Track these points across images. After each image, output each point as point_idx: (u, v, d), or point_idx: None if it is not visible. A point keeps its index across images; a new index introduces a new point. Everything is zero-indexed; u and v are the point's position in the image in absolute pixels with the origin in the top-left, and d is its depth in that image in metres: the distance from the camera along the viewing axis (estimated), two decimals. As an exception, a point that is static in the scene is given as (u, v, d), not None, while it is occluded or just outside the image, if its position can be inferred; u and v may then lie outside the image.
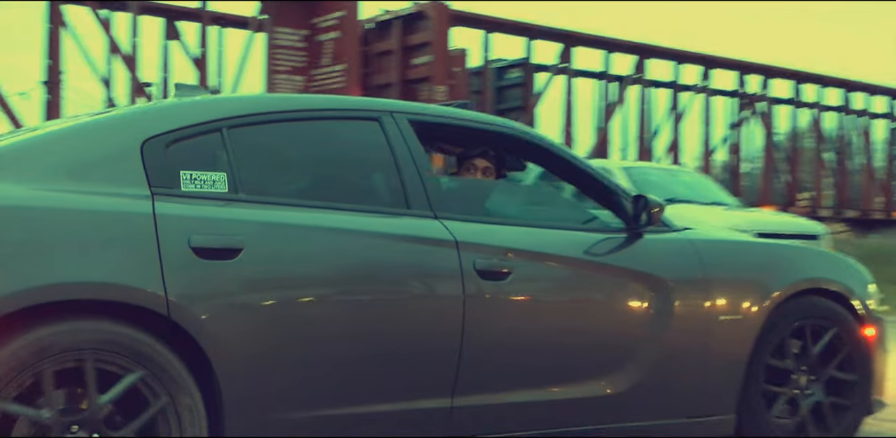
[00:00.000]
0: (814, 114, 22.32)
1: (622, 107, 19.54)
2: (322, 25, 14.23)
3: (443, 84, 15.47)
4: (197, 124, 2.90)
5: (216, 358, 2.65)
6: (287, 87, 14.35)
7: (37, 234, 2.50)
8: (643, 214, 3.48)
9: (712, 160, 20.60)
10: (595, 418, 3.38)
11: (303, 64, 14.41)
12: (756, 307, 3.66)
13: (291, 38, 14.24)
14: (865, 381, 3.93)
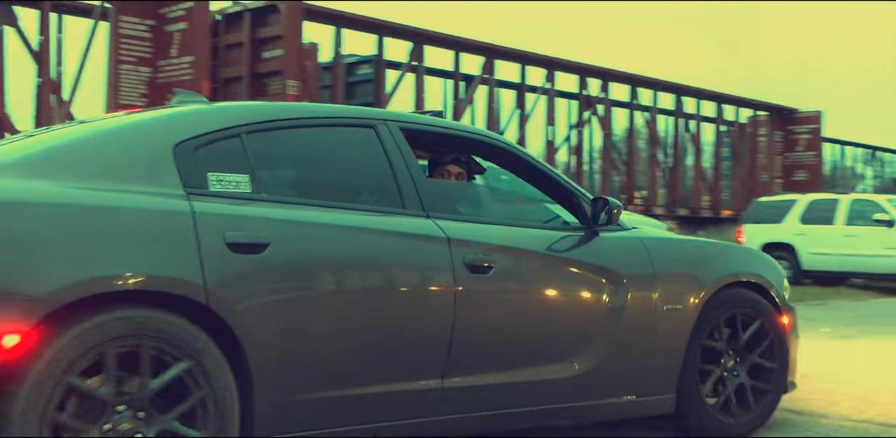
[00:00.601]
0: (646, 117, 23.39)
1: (471, 107, 19.94)
2: (170, 16, 13.92)
3: (295, 78, 15.39)
4: (220, 130, 3.17)
5: (247, 343, 2.89)
6: (132, 78, 13.98)
7: (92, 230, 2.71)
8: (602, 214, 3.88)
9: (555, 159, 21.28)
10: (560, 397, 3.74)
11: (149, 55, 14.05)
12: (693, 298, 4.09)
13: (137, 28, 13.87)
14: (783, 365, 4.40)
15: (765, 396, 4.34)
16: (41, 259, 2.61)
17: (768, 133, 26.22)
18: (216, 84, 15.35)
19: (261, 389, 2.93)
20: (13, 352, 2.48)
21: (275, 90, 15.50)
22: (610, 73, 22.17)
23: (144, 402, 2.72)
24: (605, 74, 22.08)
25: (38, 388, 2.52)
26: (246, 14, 15.44)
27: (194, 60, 13.88)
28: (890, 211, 15.18)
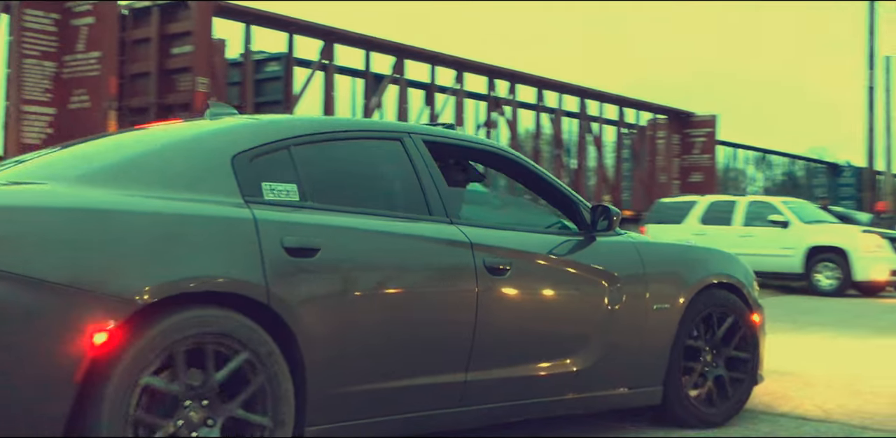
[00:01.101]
0: (552, 118, 23.83)
1: (381, 106, 19.97)
2: (76, 10, 13.56)
3: (205, 75, 15.17)
4: (272, 142, 3.41)
5: (302, 340, 3.13)
6: (36, 73, 13.57)
7: (169, 236, 2.92)
8: (601, 220, 4.23)
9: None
10: (564, 389, 4.05)
11: (54, 49, 13.66)
12: (679, 297, 4.48)
13: (42, 22, 13.47)
14: (754, 359, 4.80)
15: (740, 386, 4.71)
16: (127, 263, 2.81)
17: (667, 136, 27.03)
18: (123, 79, 15.02)
19: (312, 382, 3.15)
20: (102, 349, 2.67)
21: (184, 87, 15.24)
22: (518, 76, 22.53)
23: (212, 394, 2.94)
24: (513, 76, 22.43)
25: (124, 380, 2.71)
26: (154, 9, 15.14)
27: (101, 56, 13.57)
28: (784, 212, 15.88)
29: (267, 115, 3.99)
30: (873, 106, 27.47)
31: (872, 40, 27.59)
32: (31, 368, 2.60)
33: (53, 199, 2.87)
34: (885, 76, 27.88)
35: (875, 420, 4.63)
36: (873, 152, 27.42)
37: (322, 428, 3.20)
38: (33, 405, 2.60)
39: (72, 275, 2.69)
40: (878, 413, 4.81)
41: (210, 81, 15.41)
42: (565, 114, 24.08)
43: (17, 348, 2.59)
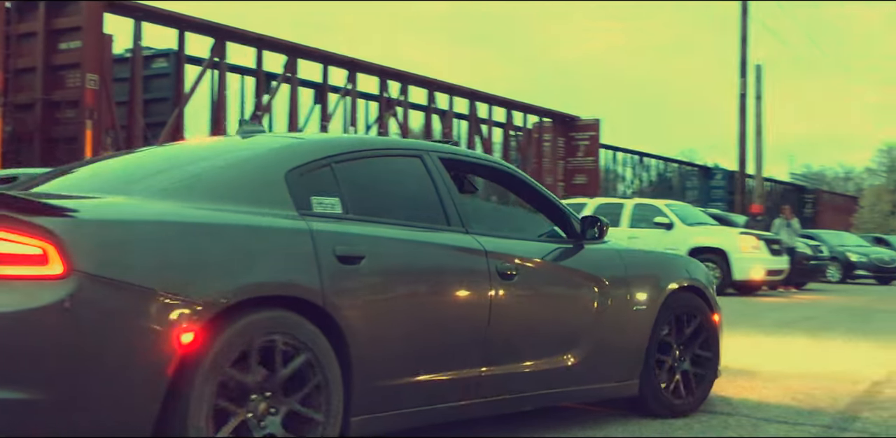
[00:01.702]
0: (442, 120, 24.11)
1: (273, 105, 19.83)
2: (-41, 2, 13.03)
3: (94, 71, 14.80)
4: (318, 159, 3.71)
5: (350, 339, 3.37)
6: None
7: (242, 245, 3.18)
8: (591, 230, 4.62)
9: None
10: (560, 383, 4.37)
11: (-66, 42, 13.09)
12: (654, 299, 4.82)
13: (-79, 13, 12.88)
14: (715, 355, 5.16)
15: (703, 380, 5.07)
16: (210, 270, 3.06)
17: (552, 138, 27.70)
18: (8, 74, 14.46)
19: (357, 377, 3.41)
20: (188, 347, 2.88)
21: (72, 83, 14.83)
22: (409, 77, 22.71)
23: (276, 388, 3.15)
24: (405, 78, 22.60)
25: (208, 374, 2.93)
26: (41, 3, 14.65)
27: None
28: (668, 214, 16.53)
29: (309, 134, 4.32)
30: (745, 112, 28.85)
31: (745, 49, 28.92)
32: (128, 366, 2.81)
33: (147, 213, 3.11)
34: (756, 84, 29.27)
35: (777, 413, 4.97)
36: (745, 156, 28.79)
37: (364, 419, 3.47)
38: (129, 399, 2.81)
39: (164, 281, 2.91)
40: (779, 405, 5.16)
41: (99, 78, 15.02)
42: (455, 115, 24.41)
43: (116, 348, 2.80)
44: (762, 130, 29.14)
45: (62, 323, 2.71)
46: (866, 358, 7.49)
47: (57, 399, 2.70)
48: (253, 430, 3.06)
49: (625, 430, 4.46)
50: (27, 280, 2.74)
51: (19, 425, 2.68)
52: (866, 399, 5.45)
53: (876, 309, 13.62)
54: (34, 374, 2.70)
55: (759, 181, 29.07)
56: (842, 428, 4.59)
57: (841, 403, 5.31)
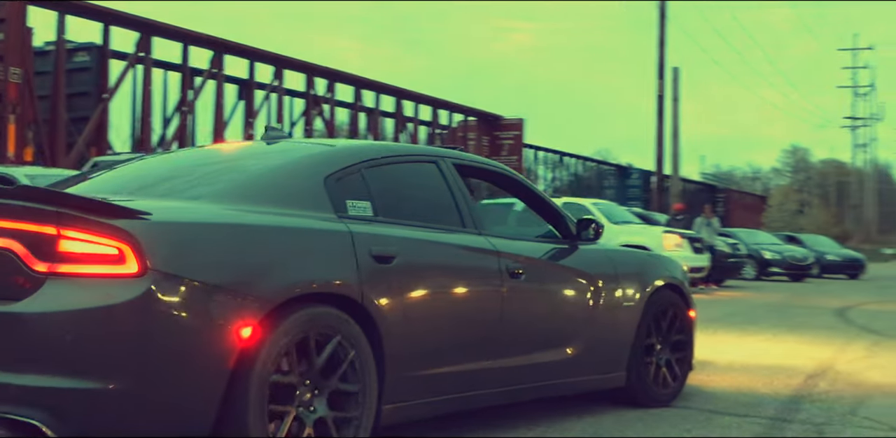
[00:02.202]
0: (369, 118, 24.12)
1: (199, 101, 19.57)
2: None
3: (18, 65, 14.42)
4: (351, 165, 3.94)
5: (385, 333, 3.60)
6: None
7: (292, 245, 3.41)
8: (587, 231, 4.92)
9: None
10: (560, 374, 4.66)
11: None
12: (640, 296, 5.14)
13: None
14: (691, 349, 5.50)
15: (681, 373, 5.38)
16: (267, 269, 3.26)
17: (477, 137, 27.93)
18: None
19: (390, 367, 3.63)
20: (249, 341, 3.10)
21: (-5, 77, 14.41)
22: (336, 74, 22.66)
23: (318, 375, 3.39)
24: (332, 75, 22.54)
25: (266, 366, 3.14)
26: (-40, -6, 14.21)
27: None
28: (595, 213, 16.86)
29: (338, 141, 4.55)
30: (663, 113, 29.54)
31: (663, 51, 29.61)
32: (195, 358, 3.01)
33: (211, 216, 3.31)
34: (673, 86, 29.98)
35: (725, 405, 5.21)
36: (662, 156, 29.47)
37: (394, 406, 3.69)
38: (195, 389, 3.02)
39: (227, 279, 3.13)
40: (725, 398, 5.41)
41: (22, 71, 14.64)
42: (382, 113, 24.44)
43: (184, 342, 2.99)
44: (678, 131, 29.87)
45: (138, 318, 2.90)
46: (794, 353, 7.84)
47: (129, 389, 2.88)
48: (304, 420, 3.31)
49: (580, 421, 4.65)
50: (105, 278, 2.92)
51: (93, 413, 2.86)
52: (804, 392, 5.74)
53: (794, 305, 14.17)
54: (108, 366, 2.87)
55: (676, 180, 29.80)
56: (787, 420, 4.84)
57: (782, 395, 5.59)
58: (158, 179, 3.94)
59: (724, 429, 4.56)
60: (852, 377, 6.41)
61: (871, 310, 13.11)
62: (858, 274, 26.46)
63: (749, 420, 4.79)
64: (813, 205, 61.78)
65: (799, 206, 55.39)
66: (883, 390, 5.86)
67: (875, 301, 15.50)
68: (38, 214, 2.97)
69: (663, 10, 29.89)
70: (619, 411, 5.00)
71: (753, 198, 58.19)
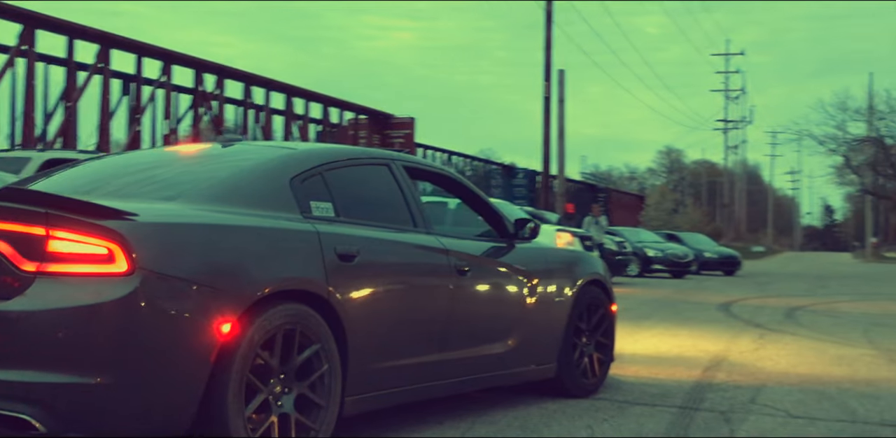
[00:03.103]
0: (260, 115, 23.85)
1: (85, 96, 18.98)
2: None
3: None
4: (314, 167, 4.08)
5: (349, 329, 3.77)
6: None
7: (266, 245, 3.52)
8: (524, 230, 5.16)
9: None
10: (500, 366, 4.89)
11: None
12: (570, 291, 5.44)
13: None
14: (612, 342, 5.85)
15: (604, 363, 5.74)
16: (246, 267, 3.40)
17: (367, 135, 27.96)
18: None
19: (352, 361, 3.80)
20: (227, 336, 3.23)
21: None
22: (226, 70, 22.33)
23: (290, 371, 3.54)
24: (221, 71, 22.21)
25: (243, 359, 3.29)
26: None
27: None
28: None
29: (298, 144, 4.68)
30: (549, 114, 30.20)
31: (549, 53, 30.28)
32: (180, 352, 3.13)
33: (194, 216, 3.41)
34: (559, 88, 30.67)
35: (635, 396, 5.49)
36: (549, 156, 30.14)
37: (356, 398, 3.87)
38: (180, 382, 3.13)
39: (210, 277, 3.25)
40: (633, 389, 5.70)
41: None
42: (272, 111, 24.21)
43: (170, 337, 3.10)
44: (564, 132, 30.58)
45: (127, 315, 3.00)
46: (689, 345, 8.24)
47: (118, 382, 2.98)
48: (272, 408, 3.46)
49: (506, 414, 4.83)
50: (94, 276, 3.01)
51: (82, 408, 2.94)
52: (706, 382, 6.08)
53: (680, 301, 14.78)
54: (98, 362, 2.96)
55: (562, 180, 30.50)
56: (694, 408, 5.14)
57: (686, 386, 5.92)
58: (125, 179, 4.02)
59: (638, 418, 4.82)
60: (745, 368, 6.82)
61: (752, 305, 13.79)
62: (734, 270, 27.69)
63: (659, 410, 5.07)
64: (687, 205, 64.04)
65: (674, 205, 57.34)
66: (775, 379, 6.26)
67: (754, 296, 16.30)
68: (26, 215, 3.03)
69: (550, 13, 30.51)
70: (542, 403, 5.23)
71: (632, 197, 59.99)
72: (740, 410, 5.10)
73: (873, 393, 5.71)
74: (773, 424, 4.73)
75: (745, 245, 60.05)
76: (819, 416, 4.96)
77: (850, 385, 6.01)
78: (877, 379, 6.32)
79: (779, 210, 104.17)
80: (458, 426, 4.53)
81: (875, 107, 52.31)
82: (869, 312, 12.91)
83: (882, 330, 10.07)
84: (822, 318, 11.61)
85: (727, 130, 75.11)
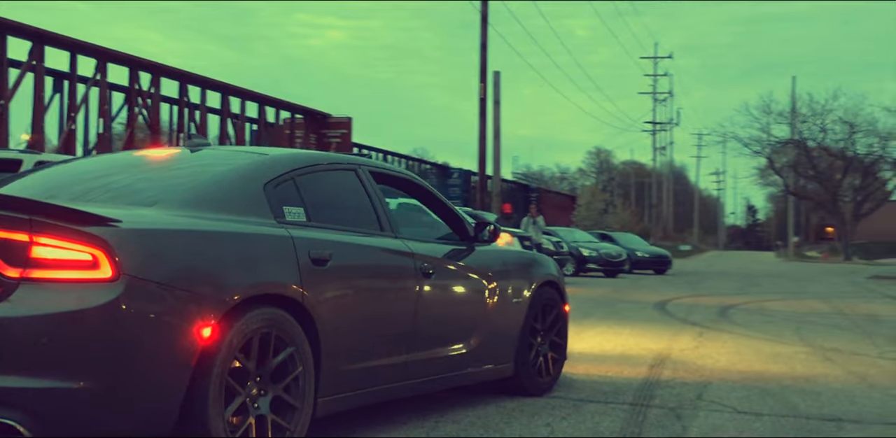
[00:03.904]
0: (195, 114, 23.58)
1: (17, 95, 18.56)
2: None
3: None
4: (286, 172, 4.14)
5: (322, 331, 3.85)
6: None
7: (244, 250, 3.59)
8: (483, 233, 5.32)
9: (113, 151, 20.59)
10: (463, 366, 5.02)
11: None
12: (527, 292, 5.61)
13: None
14: (566, 341, 6.04)
15: (558, 362, 5.91)
16: (226, 272, 3.46)
17: (304, 134, 27.83)
18: None
19: (325, 363, 3.89)
20: (208, 340, 3.30)
21: None
22: (160, 68, 22.04)
23: (266, 374, 3.61)
24: (156, 69, 21.91)
25: (223, 362, 3.36)
26: None
27: None
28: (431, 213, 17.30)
29: (268, 149, 4.65)
30: (485, 115, 30.43)
31: (485, 55, 30.50)
32: (162, 357, 3.19)
33: (174, 223, 3.45)
34: (494, 89, 30.93)
35: (588, 394, 5.68)
36: (485, 157, 30.38)
37: (328, 399, 3.96)
38: (163, 385, 3.18)
39: (191, 283, 3.30)
40: (585, 387, 5.89)
41: None
42: (208, 109, 23.96)
43: (153, 342, 3.15)
44: (500, 133, 30.85)
45: (112, 320, 3.04)
46: (632, 344, 8.50)
47: (102, 387, 3.02)
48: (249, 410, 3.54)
49: (467, 414, 4.97)
50: (78, 282, 3.04)
51: (68, 412, 2.98)
52: (653, 380, 6.31)
53: (617, 300, 15.10)
54: (83, 367, 3.00)
55: (497, 180, 30.74)
56: (645, 405, 5.36)
57: (635, 383, 6.13)
58: (96, 184, 4.05)
59: (594, 416, 5.00)
60: (688, 365, 7.07)
61: (686, 304, 14.17)
62: (665, 269, 28.29)
63: (612, 407, 5.26)
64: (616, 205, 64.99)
65: (605, 206, 58.16)
66: (718, 376, 6.51)
67: (687, 295, 16.74)
68: (8, 222, 3.04)
69: (485, 14, 30.69)
70: (500, 402, 5.38)
71: (564, 197, 60.76)
72: (689, 407, 5.32)
73: (812, 389, 5.99)
74: (721, 420, 4.96)
75: (672, 244, 61.21)
76: (764, 412, 5.20)
77: (790, 382, 6.29)
78: (814, 376, 6.62)
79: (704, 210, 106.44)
80: (423, 425, 4.65)
81: (798, 111, 53.80)
82: (798, 310, 13.38)
83: (812, 328, 10.48)
84: (754, 316, 12.01)
85: (655, 132, 76.53)
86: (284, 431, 3.66)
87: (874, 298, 17.12)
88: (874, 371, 6.98)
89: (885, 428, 4.84)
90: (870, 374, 6.78)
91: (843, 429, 4.78)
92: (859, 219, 52.99)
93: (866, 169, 52.15)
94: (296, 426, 3.72)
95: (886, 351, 8.29)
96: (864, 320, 11.90)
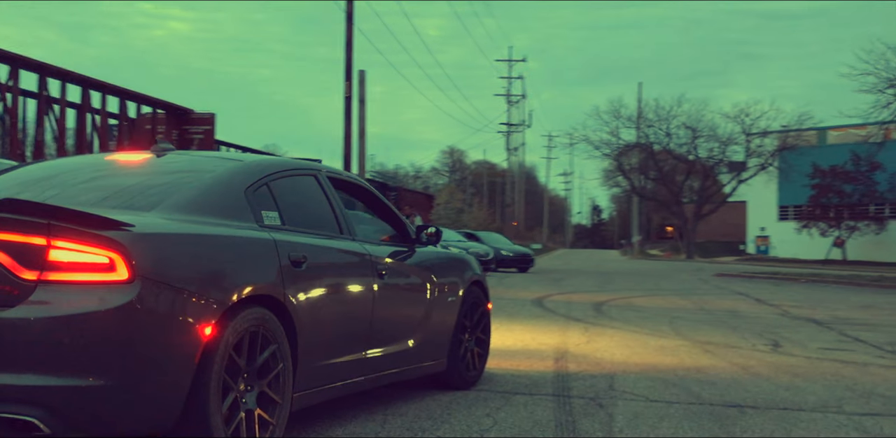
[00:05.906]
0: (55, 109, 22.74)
1: None
2: None
3: None
4: (262, 178, 4.37)
5: (299, 330, 4.07)
6: None
7: (239, 253, 3.82)
8: (424, 236, 5.70)
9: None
10: (408, 362, 5.33)
11: None
12: (460, 292, 5.98)
13: None
14: (489, 336, 6.45)
15: (483, 357, 6.34)
16: (223, 274, 3.67)
17: (165, 130, 27.18)
18: None
19: (302, 359, 4.12)
20: (209, 338, 3.48)
21: None
22: (21, 60, 21.13)
23: (253, 371, 3.82)
24: (16, 61, 21.00)
25: (221, 360, 3.55)
26: None
27: None
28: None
29: (243, 155, 4.76)
30: (351, 114, 30.59)
31: (350, 53, 30.65)
32: (172, 354, 3.36)
33: (180, 227, 3.65)
34: (360, 88, 31.12)
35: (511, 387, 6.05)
36: (350, 155, 30.53)
37: (302, 394, 4.19)
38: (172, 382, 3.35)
39: (197, 284, 3.49)
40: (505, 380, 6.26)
41: None
42: (68, 104, 23.10)
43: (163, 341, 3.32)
44: (365, 132, 31.07)
45: (128, 320, 3.21)
46: (528, 339, 8.96)
47: (118, 385, 3.19)
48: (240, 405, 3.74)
49: (409, 407, 5.25)
50: (95, 284, 3.19)
51: (85, 409, 3.12)
52: (563, 373, 6.76)
53: (494, 297, 15.47)
54: (100, 365, 3.15)
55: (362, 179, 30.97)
56: (567, 395, 5.78)
57: (548, 376, 6.57)
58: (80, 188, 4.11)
59: (525, 406, 5.38)
60: (588, 358, 7.57)
61: (560, 301, 14.83)
62: (528, 267, 29.18)
63: (538, 398, 5.66)
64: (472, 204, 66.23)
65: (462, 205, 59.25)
66: (619, 369, 7.03)
67: (557, 292, 17.45)
68: (27, 226, 3.16)
69: (350, 13, 30.87)
70: (434, 395, 5.70)
71: (422, 196, 61.19)
72: (606, 396, 5.77)
73: (707, 379, 6.57)
74: (639, 407, 5.42)
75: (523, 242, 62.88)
76: (673, 400, 5.71)
77: (685, 373, 6.87)
78: (703, 367, 7.23)
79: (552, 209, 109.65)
80: (373, 419, 4.92)
81: (645, 115, 56.34)
82: (664, 306, 14.26)
83: (683, 323, 11.26)
84: (627, 312, 12.75)
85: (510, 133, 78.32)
86: (269, 425, 3.89)
87: (725, 295, 18.35)
88: (753, 362, 7.66)
89: (782, 413, 5.41)
90: (750, 365, 7.45)
91: (746, 414, 5.32)
92: (699, 219, 55.99)
93: (707, 172, 55.18)
94: (278, 420, 3.95)
95: (757, 344, 9.06)
96: (726, 315, 12.84)
